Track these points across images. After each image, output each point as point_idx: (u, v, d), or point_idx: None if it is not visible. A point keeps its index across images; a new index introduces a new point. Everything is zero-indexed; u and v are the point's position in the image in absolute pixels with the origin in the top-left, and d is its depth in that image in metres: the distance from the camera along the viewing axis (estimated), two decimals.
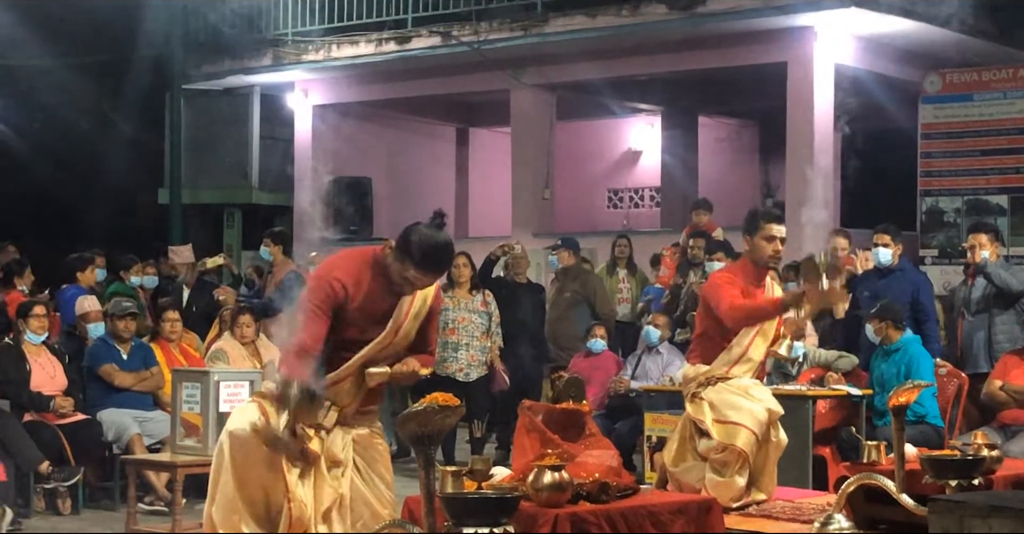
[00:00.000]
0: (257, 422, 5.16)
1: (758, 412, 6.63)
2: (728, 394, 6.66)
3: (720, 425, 6.63)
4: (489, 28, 14.69)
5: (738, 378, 6.72)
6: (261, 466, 5.22)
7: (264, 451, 5.17)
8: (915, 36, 13.63)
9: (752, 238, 6.73)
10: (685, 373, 6.88)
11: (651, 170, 18.79)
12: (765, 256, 6.72)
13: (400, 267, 5.17)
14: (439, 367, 10.76)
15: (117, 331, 9.93)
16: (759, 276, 6.79)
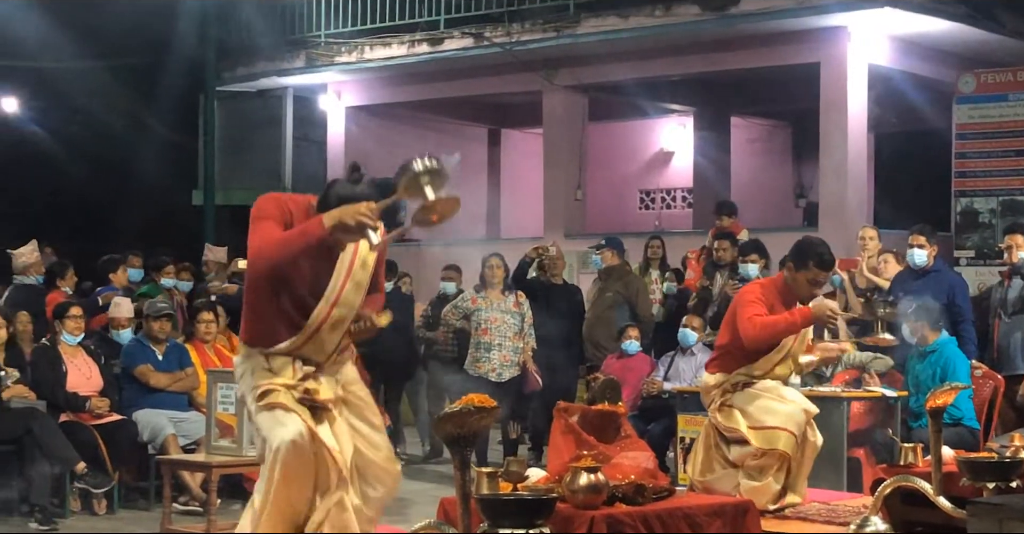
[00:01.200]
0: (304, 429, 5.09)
1: (795, 413, 6.60)
2: (760, 400, 6.62)
3: (757, 431, 6.58)
4: (521, 29, 14.70)
5: (765, 381, 6.69)
6: (306, 479, 5.12)
7: (310, 464, 5.11)
8: (949, 36, 13.57)
9: (796, 272, 6.66)
10: (705, 382, 6.84)
11: (683, 171, 18.76)
12: (802, 294, 6.68)
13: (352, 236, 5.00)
14: (471, 367, 10.80)
15: (152, 332, 9.98)
16: (790, 301, 6.71)
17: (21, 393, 9.22)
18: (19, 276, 11.14)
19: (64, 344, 9.65)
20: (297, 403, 5.07)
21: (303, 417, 5.03)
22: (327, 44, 16.52)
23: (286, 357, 5.16)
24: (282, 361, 5.16)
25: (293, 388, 5.10)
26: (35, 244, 11.24)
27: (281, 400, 5.05)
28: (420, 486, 10.19)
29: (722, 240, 11.66)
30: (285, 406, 5.04)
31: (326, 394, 5.14)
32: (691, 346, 10.43)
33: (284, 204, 5.15)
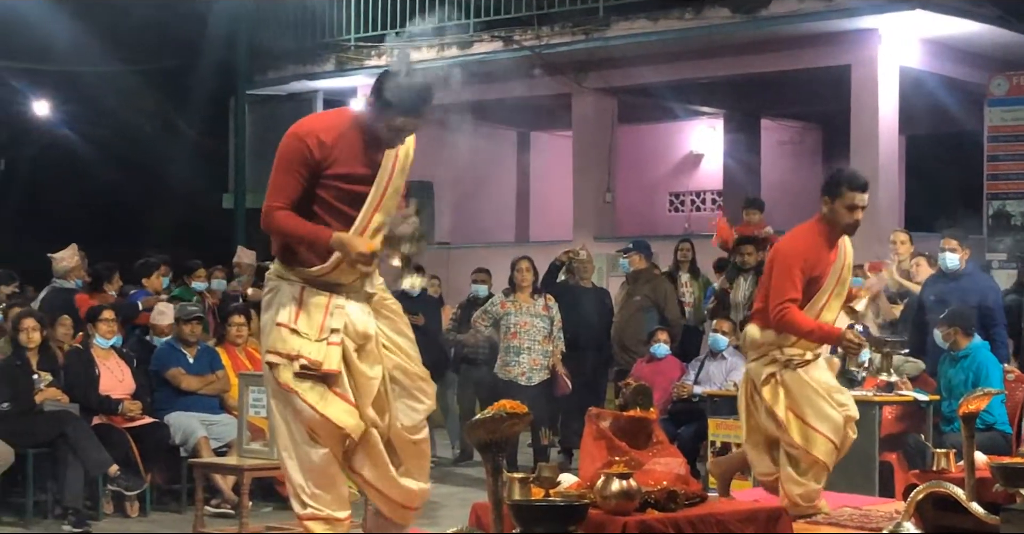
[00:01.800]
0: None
1: (838, 419, 6.55)
2: (811, 392, 6.55)
3: (797, 423, 6.54)
4: (551, 32, 14.71)
5: (819, 368, 6.63)
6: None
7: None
8: (981, 38, 13.52)
9: (832, 202, 6.62)
10: (751, 336, 6.69)
11: (713, 173, 18.74)
12: (843, 223, 6.62)
13: (386, 118, 5.16)
14: (501, 371, 10.81)
15: (183, 335, 10.03)
16: (834, 239, 6.67)
17: (54, 396, 9.27)
18: (59, 280, 11.17)
19: (97, 347, 9.71)
20: (301, 384, 5.15)
21: (309, 403, 5.14)
22: (356, 48, 16.56)
23: (322, 294, 5.22)
24: (316, 299, 5.23)
25: (296, 358, 5.16)
26: (75, 248, 11.29)
27: (292, 385, 5.16)
28: (450, 489, 10.20)
29: (746, 245, 11.63)
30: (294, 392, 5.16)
31: (362, 331, 5.23)
32: (722, 350, 10.41)
33: (311, 148, 5.15)
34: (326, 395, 5.19)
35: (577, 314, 11.38)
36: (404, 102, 5.15)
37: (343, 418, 5.19)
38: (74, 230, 14.68)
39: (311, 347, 5.18)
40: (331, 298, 5.26)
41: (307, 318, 5.22)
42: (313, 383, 5.19)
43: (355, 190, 5.24)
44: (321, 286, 5.28)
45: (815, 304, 6.60)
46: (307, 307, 5.23)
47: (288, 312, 5.24)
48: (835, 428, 6.55)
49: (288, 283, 5.29)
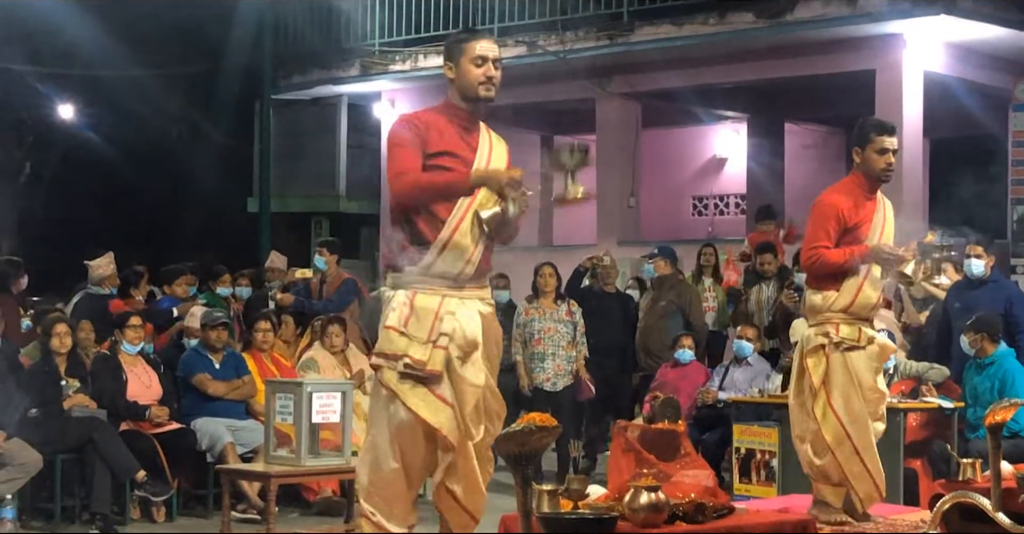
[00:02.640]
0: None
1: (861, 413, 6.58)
2: (847, 379, 6.59)
3: (823, 397, 6.60)
4: (575, 37, 14.72)
5: (865, 360, 6.64)
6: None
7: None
8: (1006, 43, 13.48)
9: (863, 151, 6.69)
10: (812, 301, 6.73)
11: (737, 177, 18.71)
12: (877, 169, 6.69)
13: (467, 57, 5.32)
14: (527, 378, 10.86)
15: (209, 341, 10.09)
16: (872, 188, 6.75)
17: (82, 402, 9.34)
18: (94, 287, 11.23)
19: (124, 353, 9.77)
20: (402, 385, 5.20)
21: (409, 404, 5.19)
22: (381, 53, 16.60)
23: (434, 298, 5.26)
24: (428, 304, 5.26)
25: (400, 358, 5.20)
26: (111, 256, 11.31)
27: (393, 386, 5.21)
28: None
29: (765, 254, 11.68)
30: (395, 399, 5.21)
31: (471, 338, 5.27)
32: (746, 357, 10.42)
33: (417, 127, 5.33)
34: (427, 397, 5.21)
35: (601, 319, 11.42)
36: (468, 35, 5.44)
37: (441, 419, 5.20)
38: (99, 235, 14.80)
39: (416, 348, 5.22)
40: (442, 303, 5.29)
41: (417, 322, 5.26)
42: (414, 384, 5.22)
43: (457, 169, 5.33)
44: (432, 289, 5.30)
45: (855, 280, 6.64)
46: (417, 312, 5.27)
47: (398, 316, 5.28)
48: (853, 418, 6.57)
49: (401, 289, 5.34)
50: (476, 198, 5.28)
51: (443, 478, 5.31)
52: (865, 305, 6.69)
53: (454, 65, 5.39)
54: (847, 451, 6.60)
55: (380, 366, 5.30)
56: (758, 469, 9.31)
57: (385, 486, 5.27)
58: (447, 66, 5.44)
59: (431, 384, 5.22)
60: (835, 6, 13.15)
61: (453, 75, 5.40)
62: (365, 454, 5.37)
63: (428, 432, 5.24)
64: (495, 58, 5.38)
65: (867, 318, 6.76)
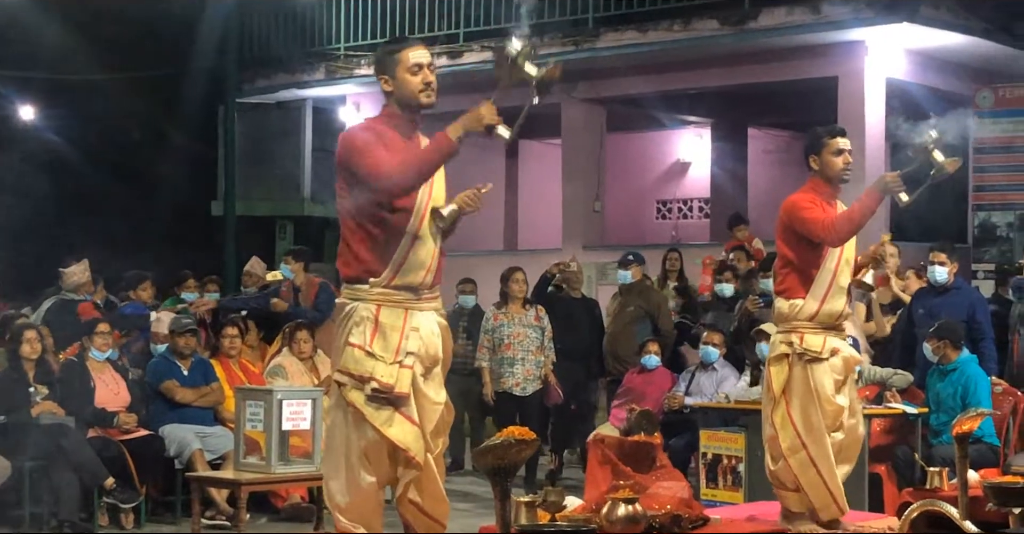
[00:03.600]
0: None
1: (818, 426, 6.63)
2: (807, 391, 6.62)
3: (783, 405, 6.68)
4: (540, 43, 14.74)
5: (827, 373, 6.70)
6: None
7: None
8: (967, 50, 13.64)
9: (819, 156, 6.78)
10: (780, 309, 6.79)
11: (700, 181, 18.82)
12: (837, 170, 6.77)
13: (402, 68, 5.34)
14: (495, 383, 10.92)
15: (177, 347, 10.07)
16: (832, 192, 6.82)
17: (50, 409, 9.30)
18: (69, 293, 11.17)
19: (92, 360, 9.75)
20: (369, 406, 5.21)
21: (375, 425, 5.20)
22: (346, 57, 16.61)
23: (398, 313, 5.28)
24: (393, 320, 5.27)
25: (367, 381, 5.20)
26: (87, 263, 11.26)
27: (360, 407, 5.21)
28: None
29: (737, 252, 11.81)
30: (361, 418, 5.22)
31: (433, 354, 5.31)
32: (712, 362, 10.49)
33: (373, 131, 5.35)
34: (393, 417, 5.23)
35: (568, 324, 11.48)
36: (397, 44, 5.43)
37: (408, 440, 5.22)
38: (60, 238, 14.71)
39: (384, 369, 5.22)
40: (407, 318, 5.30)
41: (383, 340, 5.26)
42: (381, 405, 5.23)
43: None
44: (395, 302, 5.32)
45: (827, 266, 6.70)
46: (383, 329, 5.27)
47: (362, 332, 5.27)
48: (810, 429, 6.62)
49: (362, 303, 5.33)
50: (429, 205, 5.32)
51: (404, 491, 5.35)
52: (832, 313, 6.76)
53: (390, 77, 5.39)
54: (802, 460, 6.65)
55: (344, 384, 5.30)
56: (724, 474, 9.38)
57: (364, 501, 5.30)
58: (383, 79, 5.42)
59: (399, 405, 5.25)
60: (798, 14, 13.26)
61: (391, 87, 5.40)
62: (335, 473, 5.34)
63: (392, 449, 5.28)
64: (429, 63, 5.40)
65: (834, 326, 6.83)
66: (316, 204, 17.95)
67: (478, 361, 11.02)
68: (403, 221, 5.30)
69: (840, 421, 6.77)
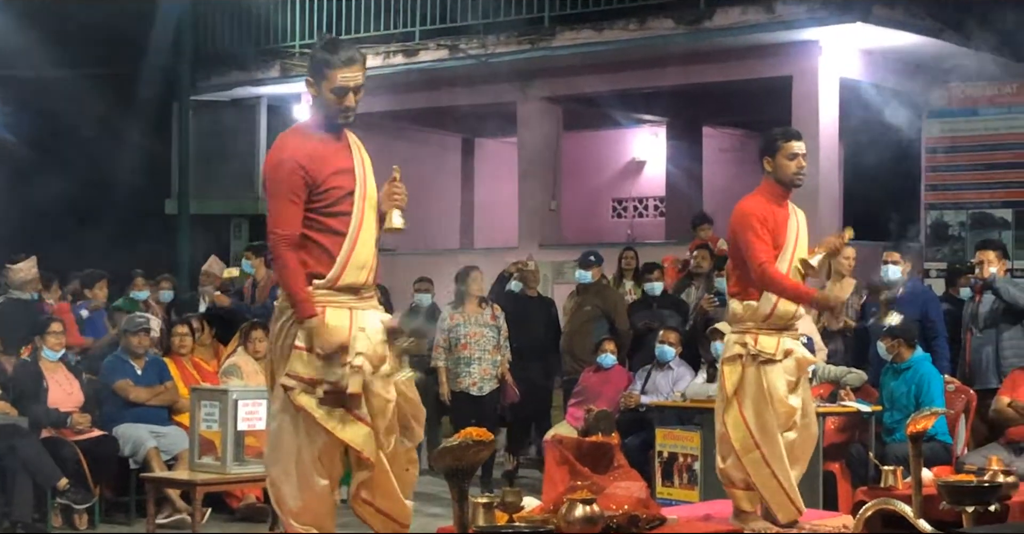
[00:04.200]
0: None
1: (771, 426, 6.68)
2: (760, 393, 6.65)
3: (735, 405, 6.71)
4: (497, 41, 14.76)
5: (779, 374, 6.72)
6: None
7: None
8: (920, 50, 13.72)
9: (774, 158, 6.77)
10: (734, 310, 6.81)
11: (655, 180, 18.87)
12: (790, 174, 6.76)
13: (328, 86, 5.32)
14: (452, 382, 10.91)
15: (131, 347, 10.01)
16: (784, 194, 6.81)
17: (3, 409, 9.26)
18: (15, 291, 11.08)
19: (45, 360, 9.69)
20: (320, 408, 5.21)
21: (328, 427, 5.21)
22: (301, 54, 16.54)
23: (343, 314, 5.28)
24: (339, 322, 5.27)
25: (318, 384, 5.20)
26: (34, 260, 11.17)
27: (311, 410, 5.21)
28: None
29: (701, 250, 11.84)
30: (312, 422, 5.21)
31: (380, 353, 5.31)
32: (668, 361, 10.52)
33: (296, 167, 5.28)
34: (345, 418, 5.24)
35: (524, 323, 11.49)
36: (331, 57, 5.33)
37: (360, 441, 5.23)
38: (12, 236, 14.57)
39: (332, 371, 5.23)
40: (352, 319, 5.30)
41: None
42: (332, 407, 5.23)
43: (341, 200, 5.37)
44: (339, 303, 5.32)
45: (779, 267, 6.71)
46: (331, 332, 5.27)
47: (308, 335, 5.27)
48: (763, 430, 6.66)
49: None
50: (366, 207, 5.38)
51: (357, 490, 5.35)
52: (784, 314, 6.79)
53: (316, 86, 5.37)
54: (756, 459, 6.68)
55: (291, 387, 5.28)
56: (680, 473, 9.43)
57: (318, 504, 5.29)
58: (308, 82, 5.42)
59: (351, 406, 5.25)
60: (753, 13, 13.30)
61: (315, 93, 5.40)
62: (285, 477, 5.32)
63: (344, 450, 5.27)
64: (356, 86, 5.33)
65: (787, 327, 6.86)
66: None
67: (434, 361, 11.02)
68: (343, 224, 5.34)
69: (793, 421, 6.82)
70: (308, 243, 5.35)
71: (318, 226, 5.34)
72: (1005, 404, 9.11)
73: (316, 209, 5.32)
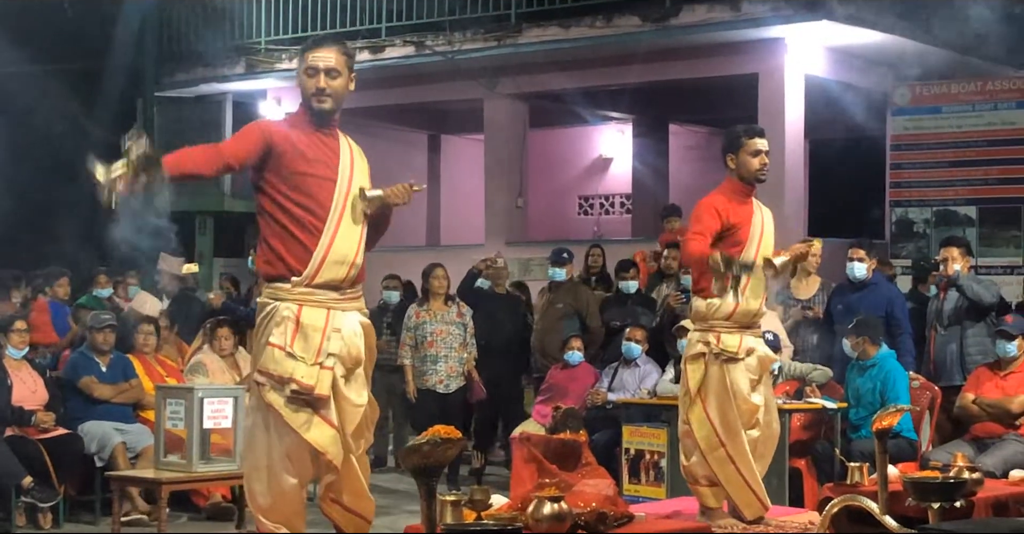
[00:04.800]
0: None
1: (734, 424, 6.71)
2: (724, 390, 6.70)
3: (699, 403, 6.72)
4: (463, 38, 14.74)
5: (742, 372, 6.74)
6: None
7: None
8: (885, 48, 13.79)
9: (737, 156, 6.84)
10: (697, 308, 6.85)
11: (622, 177, 18.91)
12: (753, 170, 6.83)
13: (300, 73, 5.40)
14: (418, 380, 10.90)
15: (96, 344, 9.94)
16: (747, 191, 6.87)
17: None
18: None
19: (8, 358, 9.62)
20: (288, 407, 5.18)
21: (294, 426, 5.19)
22: (267, 51, 16.49)
23: (320, 313, 5.25)
24: (315, 321, 5.25)
25: (287, 382, 5.17)
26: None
27: (279, 408, 5.19)
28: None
29: (672, 249, 11.82)
30: (280, 420, 5.19)
31: (355, 355, 5.30)
32: (635, 358, 10.53)
33: (269, 133, 5.32)
34: (312, 419, 5.21)
35: (492, 320, 11.48)
36: (307, 45, 5.45)
37: (326, 443, 5.22)
38: None
39: (304, 370, 5.19)
40: (329, 318, 5.28)
41: (304, 341, 5.23)
42: (300, 406, 5.21)
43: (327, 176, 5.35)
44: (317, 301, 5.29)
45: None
46: (304, 330, 5.24)
47: (283, 332, 5.24)
48: (727, 427, 6.70)
49: (283, 303, 5.29)
50: (348, 199, 5.34)
51: (325, 491, 5.35)
52: (747, 312, 6.81)
53: (297, 75, 5.45)
54: (720, 457, 6.72)
55: (262, 384, 5.27)
56: (647, 470, 9.45)
57: (286, 503, 5.28)
58: (297, 73, 5.49)
59: (318, 407, 5.23)
60: (719, 11, 13.33)
61: (298, 86, 5.47)
62: (257, 474, 5.32)
63: (313, 451, 5.26)
64: (327, 68, 5.34)
65: (750, 325, 6.88)
66: (236, 199, 17.79)
67: (400, 359, 11.00)
68: (321, 216, 5.29)
69: (756, 419, 6.85)
70: (283, 235, 5.32)
71: (291, 217, 5.30)
72: (969, 401, 9.16)
73: (291, 197, 5.29)
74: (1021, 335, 9.10)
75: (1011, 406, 8.96)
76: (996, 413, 9.01)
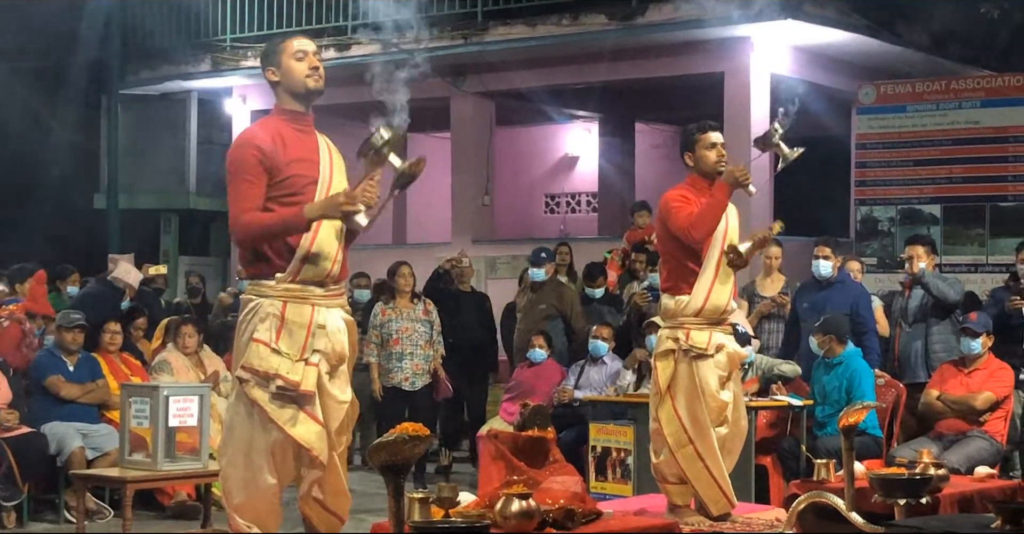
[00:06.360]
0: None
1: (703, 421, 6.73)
2: (693, 387, 6.71)
3: (668, 400, 6.73)
4: (429, 36, 14.71)
5: (711, 368, 6.75)
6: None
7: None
8: (850, 47, 13.85)
9: (694, 152, 6.89)
10: (666, 305, 6.87)
11: (588, 175, 18.92)
12: (711, 164, 6.86)
13: (287, 55, 5.42)
14: (384, 378, 10.87)
15: (64, 343, 9.88)
16: (709, 187, 6.86)
17: None
18: None
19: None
20: (272, 403, 5.17)
21: (279, 422, 5.17)
22: (232, 48, 16.43)
23: (305, 310, 5.24)
24: (300, 318, 5.24)
25: (272, 378, 5.16)
26: None
27: (263, 405, 5.17)
28: None
29: (639, 253, 11.81)
30: (265, 416, 5.18)
31: (339, 352, 5.30)
32: (602, 356, 10.55)
33: (259, 149, 5.29)
34: (297, 416, 5.20)
35: (458, 318, 11.48)
36: (278, 40, 5.53)
37: (312, 440, 5.20)
38: None
39: (289, 367, 5.18)
40: (313, 315, 5.26)
41: (289, 337, 5.22)
42: (284, 403, 5.19)
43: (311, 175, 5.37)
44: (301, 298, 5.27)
45: (709, 262, 6.77)
46: (289, 326, 5.23)
47: (268, 328, 5.23)
48: (696, 424, 6.72)
49: (267, 299, 5.28)
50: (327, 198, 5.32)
51: (309, 489, 5.33)
52: (716, 308, 6.84)
53: (276, 67, 5.45)
54: (689, 454, 6.74)
55: (246, 380, 5.26)
56: (614, 467, 9.46)
57: (261, 501, 5.26)
58: (269, 71, 5.47)
59: (303, 403, 5.21)
60: (685, 10, 13.34)
61: (278, 77, 5.45)
62: (233, 471, 5.30)
63: (297, 449, 5.24)
64: (314, 51, 5.45)
65: (719, 322, 6.90)
66: (202, 197, 17.74)
67: (366, 357, 10.96)
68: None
69: (725, 416, 6.87)
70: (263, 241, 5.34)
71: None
72: (934, 398, 9.22)
73: (276, 197, 5.28)
74: (985, 332, 9.16)
75: (975, 403, 9.02)
76: (960, 410, 9.07)
